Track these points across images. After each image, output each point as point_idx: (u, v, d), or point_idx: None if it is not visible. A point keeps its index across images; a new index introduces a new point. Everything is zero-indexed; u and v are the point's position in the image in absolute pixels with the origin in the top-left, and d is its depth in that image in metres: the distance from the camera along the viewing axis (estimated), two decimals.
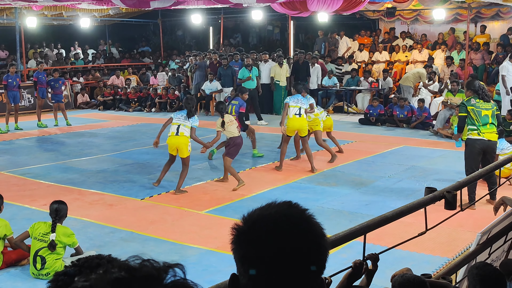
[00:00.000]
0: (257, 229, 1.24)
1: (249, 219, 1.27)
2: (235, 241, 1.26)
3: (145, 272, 0.84)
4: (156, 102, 20.34)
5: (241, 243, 1.25)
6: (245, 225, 1.27)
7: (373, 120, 16.62)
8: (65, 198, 8.77)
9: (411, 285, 2.86)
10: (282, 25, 27.96)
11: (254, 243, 1.23)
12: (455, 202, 3.39)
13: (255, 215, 1.27)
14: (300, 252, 1.23)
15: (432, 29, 21.56)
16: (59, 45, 26.22)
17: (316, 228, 1.27)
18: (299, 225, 1.26)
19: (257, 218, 1.27)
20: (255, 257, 1.22)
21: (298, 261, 1.22)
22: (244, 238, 1.25)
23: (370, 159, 11.84)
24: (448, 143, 13.80)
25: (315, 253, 1.26)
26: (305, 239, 1.25)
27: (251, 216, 1.28)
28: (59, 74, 17.69)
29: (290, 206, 1.29)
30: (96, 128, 16.42)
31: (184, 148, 9.25)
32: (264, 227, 1.24)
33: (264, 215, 1.27)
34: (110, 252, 5.02)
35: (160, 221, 7.97)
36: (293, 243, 1.23)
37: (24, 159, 12.16)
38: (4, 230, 6.31)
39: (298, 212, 1.28)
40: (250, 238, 1.24)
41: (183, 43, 29.70)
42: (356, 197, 9.08)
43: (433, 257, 6.50)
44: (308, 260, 1.24)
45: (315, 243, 1.26)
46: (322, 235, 1.28)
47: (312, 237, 1.26)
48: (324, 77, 19.80)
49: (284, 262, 1.21)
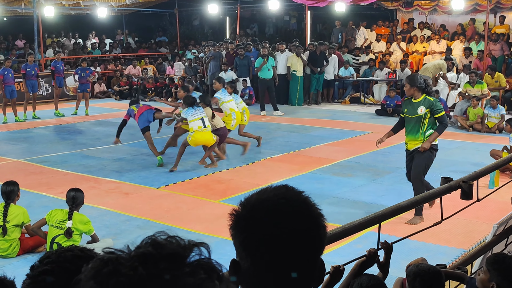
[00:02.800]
0: (256, 213, 1.25)
1: (247, 204, 1.27)
2: (235, 227, 1.26)
3: (171, 249, 0.85)
4: (173, 92, 20.38)
5: (241, 228, 1.25)
6: (243, 210, 1.27)
7: (390, 111, 16.51)
8: (81, 186, 8.84)
9: (426, 274, 2.85)
10: (299, 15, 27.80)
11: (254, 227, 1.23)
12: (471, 192, 3.36)
13: (253, 200, 1.28)
14: (301, 232, 1.24)
15: (450, 20, 21.32)
16: (77, 34, 26.35)
17: (314, 209, 1.28)
18: (298, 206, 1.26)
19: (256, 202, 1.27)
20: (256, 240, 1.22)
21: (299, 241, 1.23)
22: (244, 223, 1.25)
23: (386, 150, 11.77)
24: (466, 134, 13.70)
25: (314, 233, 1.26)
26: (304, 220, 1.25)
27: (249, 201, 1.28)
28: (87, 63, 17.79)
29: (287, 189, 1.30)
30: (113, 117, 16.49)
31: (211, 141, 10.05)
32: (263, 210, 1.25)
33: (262, 199, 1.27)
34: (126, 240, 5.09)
35: (175, 209, 8.00)
36: (293, 224, 1.24)
37: (41, 148, 12.27)
38: (22, 217, 6.40)
39: (295, 194, 1.29)
40: (250, 222, 1.24)
41: (199, 33, 29.68)
42: (372, 187, 9.05)
43: (448, 248, 6.46)
44: (308, 240, 1.25)
45: (314, 223, 1.27)
46: (319, 215, 1.29)
47: (310, 217, 1.27)
48: (340, 68, 19.72)
49: (285, 243, 1.22)
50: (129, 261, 0.82)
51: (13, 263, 6.24)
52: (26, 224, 6.43)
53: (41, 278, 1.42)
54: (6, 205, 6.39)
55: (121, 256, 0.84)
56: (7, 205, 6.39)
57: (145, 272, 0.80)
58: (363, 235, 6.20)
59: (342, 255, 5.33)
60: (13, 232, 6.36)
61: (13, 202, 6.46)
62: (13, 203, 6.47)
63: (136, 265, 0.81)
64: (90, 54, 24.14)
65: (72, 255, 1.47)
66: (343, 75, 19.66)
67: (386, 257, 2.83)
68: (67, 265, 1.44)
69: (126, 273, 0.80)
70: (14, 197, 6.49)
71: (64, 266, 1.44)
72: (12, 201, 6.46)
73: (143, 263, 0.82)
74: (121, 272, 0.81)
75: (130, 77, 21.58)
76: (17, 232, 6.41)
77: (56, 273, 1.42)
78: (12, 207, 6.41)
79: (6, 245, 6.37)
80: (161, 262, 0.82)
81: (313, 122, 15.39)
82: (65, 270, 1.42)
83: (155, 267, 0.81)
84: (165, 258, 0.83)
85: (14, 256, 6.40)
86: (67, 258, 1.46)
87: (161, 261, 0.82)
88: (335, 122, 15.51)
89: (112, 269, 0.81)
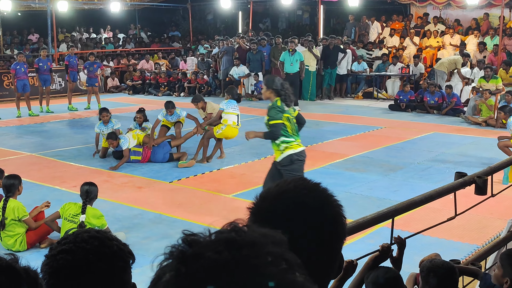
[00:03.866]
0: (279, 204, 1.23)
1: (268, 196, 1.25)
2: (256, 219, 1.22)
3: (253, 237, 0.84)
4: (185, 87, 20.42)
5: (264, 220, 1.21)
6: (265, 202, 1.24)
7: (403, 106, 16.43)
8: (95, 180, 8.89)
9: (440, 270, 2.83)
10: (312, 10, 27.72)
11: (278, 218, 1.20)
12: (485, 188, 3.33)
13: (273, 192, 1.25)
14: (324, 222, 1.22)
15: (465, 14, 21.15)
16: (90, 29, 26.44)
17: (334, 199, 1.27)
18: (319, 197, 1.25)
19: (277, 194, 1.24)
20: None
21: (322, 232, 1.22)
22: (266, 216, 1.22)
23: (399, 145, 11.72)
24: (479, 130, 13.60)
25: (337, 223, 1.25)
26: (327, 210, 1.24)
27: (269, 193, 1.25)
28: (94, 57, 17.86)
29: (305, 181, 1.28)
30: (126, 111, 16.53)
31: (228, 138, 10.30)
32: (286, 201, 1.23)
33: (283, 191, 1.25)
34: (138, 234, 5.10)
35: (188, 203, 8.02)
36: (316, 214, 1.22)
37: (55, 142, 12.34)
38: (17, 212, 6.28)
39: (314, 185, 1.28)
40: (274, 214, 1.21)
41: (212, 28, 29.68)
42: (385, 183, 9.01)
43: (462, 244, 6.42)
44: (331, 230, 1.23)
45: (336, 213, 1.26)
46: (340, 205, 1.28)
47: (332, 207, 1.26)
48: (353, 63, 19.64)
49: (309, 233, 1.20)
50: (213, 244, 0.81)
51: (26, 257, 6.26)
52: (23, 219, 6.29)
53: (59, 257, 1.48)
54: (5, 199, 6.32)
55: (204, 239, 0.83)
56: (7, 199, 6.31)
57: (230, 257, 0.79)
58: (375, 230, 6.18)
59: (354, 250, 5.31)
60: (15, 228, 6.29)
61: (13, 197, 6.35)
62: (13, 197, 6.36)
63: (221, 249, 0.80)
64: (103, 49, 24.23)
65: (89, 236, 1.54)
66: (356, 70, 19.59)
67: (399, 252, 2.81)
68: (83, 244, 1.50)
69: (211, 257, 0.78)
70: (14, 191, 6.37)
71: (81, 245, 1.50)
72: (12, 195, 6.34)
73: (228, 248, 0.80)
74: (206, 255, 0.79)
75: (143, 72, 21.63)
76: (19, 227, 6.31)
77: (73, 252, 1.48)
78: (11, 202, 6.30)
79: (11, 240, 6.32)
80: (244, 248, 0.80)
81: (326, 117, 15.35)
82: (82, 249, 1.49)
83: (239, 253, 0.79)
84: (248, 245, 0.81)
85: (24, 250, 6.37)
86: (83, 239, 1.52)
87: (244, 247, 0.80)
88: (347, 117, 15.46)
89: (197, 251, 0.80)
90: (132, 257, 1.58)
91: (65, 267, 1.47)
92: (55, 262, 1.48)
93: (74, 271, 1.47)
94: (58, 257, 1.48)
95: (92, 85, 17.25)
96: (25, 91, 15.86)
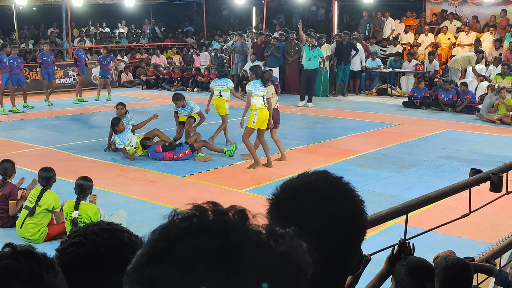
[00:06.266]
0: (301, 196, 1.21)
1: (288, 187, 1.23)
2: (275, 211, 1.21)
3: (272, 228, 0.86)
4: (199, 82, 20.43)
5: (283, 212, 1.20)
6: (286, 194, 1.22)
7: (417, 103, 16.34)
8: (108, 174, 8.96)
9: (454, 267, 2.80)
10: (326, 6, 27.61)
11: (299, 209, 1.19)
12: (501, 185, 3.30)
13: (295, 183, 1.24)
14: (345, 216, 1.21)
15: (481, 11, 20.96)
16: (104, 23, 26.53)
17: (356, 194, 1.26)
18: (341, 190, 1.24)
19: (298, 186, 1.23)
20: (302, 224, 1.19)
21: (343, 225, 1.20)
22: (287, 207, 1.20)
23: (413, 143, 11.66)
24: (494, 127, 13.50)
25: (358, 217, 1.23)
26: (348, 203, 1.23)
27: (290, 185, 1.24)
28: (107, 51, 18.02)
29: (327, 173, 1.27)
30: (139, 106, 16.60)
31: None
32: (307, 193, 1.21)
33: (304, 182, 1.24)
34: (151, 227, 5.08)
35: (200, 198, 7.86)
36: (338, 207, 1.20)
37: (68, 135, 12.40)
38: (53, 202, 6.52)
39: (336, 178, 1.26)
40: (294, 206, 1.20)
41: (226, 23, 29.66)
42: (398, 180, 8.97)
43: (475, 242, 6.38)
44: (352, 224, 1.22)
45: (357, 207, 1.24)
46: (361, 200, 1.26)
47: (354, 201, 1.24)
48: (367, 59, 19.54)
49: (331, 226, 1.19)
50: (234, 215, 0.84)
51: (40, 248, 6.31)
52: (55, 210, 6.53)
53: (69, 251, 1.47)
54: (42, 190, 6.51)
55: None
56: (44, 190, 6.51)
57: (246, 227, 0.81)
58: (388, 227, 6.16)
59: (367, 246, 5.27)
60: (43, 217, 6.46)
61: (50, 188, 6.59)
62: (50, 188, 6.60)
63: (237, 222, 0.82)
64: (117, 44, 24.30)
65: (99, 228, 1.53)
66: (370, 67, 19.49)
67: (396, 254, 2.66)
68: (93, 237, 1.49)
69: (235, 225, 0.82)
70: (51, 183, 6.62)
71: (91, 238, 1.49)
72: (49, 187, 6.59)
73: (242, 220, 0.83)
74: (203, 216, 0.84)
75: (157, 67, 21.67)
76: (46, 217, 6.51)
77: (83, 245, 1.48)
78: (48, 193, 6.53)
79: (35, 229, 6.47)
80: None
81: (339, 114, 15.30)
82: (92, 241, 1.48)
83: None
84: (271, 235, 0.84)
85: (40, 241, 6.49)
86: (93, 231, 1.51)
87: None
88: (361, 113, 15.41)
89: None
90: None
91: (75, 260, 1.46)
92: (65, 256, 1.47)
93: (84, 264, 1.45)
94: (68, 250, 1.47)
95: (105, 77, 17.56)
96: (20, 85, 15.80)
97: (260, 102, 9.33)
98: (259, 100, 9.34)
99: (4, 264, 1.01)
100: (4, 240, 6.52)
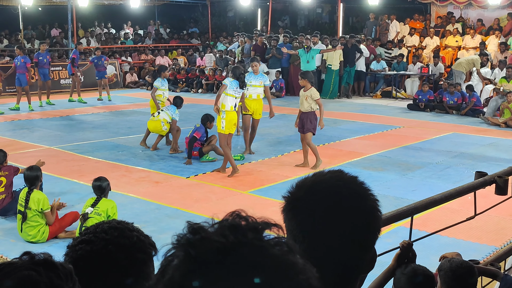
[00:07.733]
0: (316, 193, 1.23)
1: (304, 185, 1.25)
2: (290, 208, 1.23)
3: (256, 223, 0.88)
4: (203, 83, 20.45)
5: (298, 210, 1.22)
6: (300, 191, 1.24)
7: (422, 106, 16.32)
8: (112, 174, 8.96)
9: (459, 269, 2.80)
10: (331, 8, 27.62)
11: (315, 207, 1.21)
12: (506, 188, 3.29)
13: (309, 181, 1.26)
14: (359, 214, 1.22)
15: (486, 14, 20.93)
16: (109, 24, 26.58)
17: (370, 193, 1.26)
18: (355, 189, 1.25)
19: (313, 184, 1.25)
20: (316, 221, 1.20)
21: (357, 223, 1.21)
22: (302, 204, 1.22)
23: (417, 145, 11.65)
24: (499, 131, 13.47)
25: (372, 216, 1.24)
26: (362, 202, 1.24)
27: (305, 183, 1.26)
28: (101, 52, 18.29)
29: (342, 172, 1.28)
30: (144, 107, 16.59)
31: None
32: (322, 191, 1.23)
33: (319, 181, 1.25)
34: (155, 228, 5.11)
35: (204, 199, 8.04)
36: (352, 206, 1.22)
37: (73, 135, 12.42)
38: (41, 204, 6.37)
39: (351, 177, 1.27)
40: (309, 203, 1.21)
41: (231, 25, 29.70)
42: (402, 182, 8.96)
43: (480, 245, 6.37)
44: (366, 223, 1.23)
45: (372, 206, 1.25)
46: (376, 199, 1.27)
47: (368, 200, 1.25)
48: (372, 61, 19.53)
49: (345, 225, 1.20)
50: (219, 230, 0.85)
51: (44, 248, 6.32)
52: (45, 211, 6.36)
53: (78, 248, 1.50)
54: (29, 191, 6.40)
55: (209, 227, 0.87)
56: (30, 191, 6.39)
57: (236, 240, 0.83)
58: (393, 229, 6.15)
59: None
60: (37, 218, 6.35)
61: (36, 188, 6.46)
62: (36, 188, 6.47)
63: (227, 233, 0.84)
64: (123, 44, 24.35)
65: (109, 226, 1.55)
66: (375, 69, 19.48)
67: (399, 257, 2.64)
68: (103, 235, 1.52)
69: (218, 240, 0.82)
70: (37, 183, 6.49)
71: (100, 236, 1.52)
72: (35, 187, 6.46)
73: (233, 232, 0.84)
74: (213, 239, 0.83)
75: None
76: (41, 218, 6.38)
77: (92, 242, 1.50)
78: (35, 193, 6.41)
79: (34, 231, 6.38)
80: (249, 232, 0.85)
81: (344, 116, 15.29)
82: (101, 239, 1.51)
83: (244, 236, 0.84)
84: (252, 230, 0.85)
85: (44, 241, 6.43)
86: (103, 229, 1.54)
87: (249, 231, 0.85)
88: (365, 116, 15.39)
89: (204, 236, 0.84)
90: (154, 249, 1.58)
91: (84, 257, 1.48)
92: (75, 253, 1.50)
93: (92, 261, 1.48)
94: (78, 247, 1.50)
95: (102, 77, 17.69)
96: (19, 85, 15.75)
97: (230, 104, 9.02)
98: (231, 100, 9.04)
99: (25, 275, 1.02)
100: (10, 239, 6.54)
